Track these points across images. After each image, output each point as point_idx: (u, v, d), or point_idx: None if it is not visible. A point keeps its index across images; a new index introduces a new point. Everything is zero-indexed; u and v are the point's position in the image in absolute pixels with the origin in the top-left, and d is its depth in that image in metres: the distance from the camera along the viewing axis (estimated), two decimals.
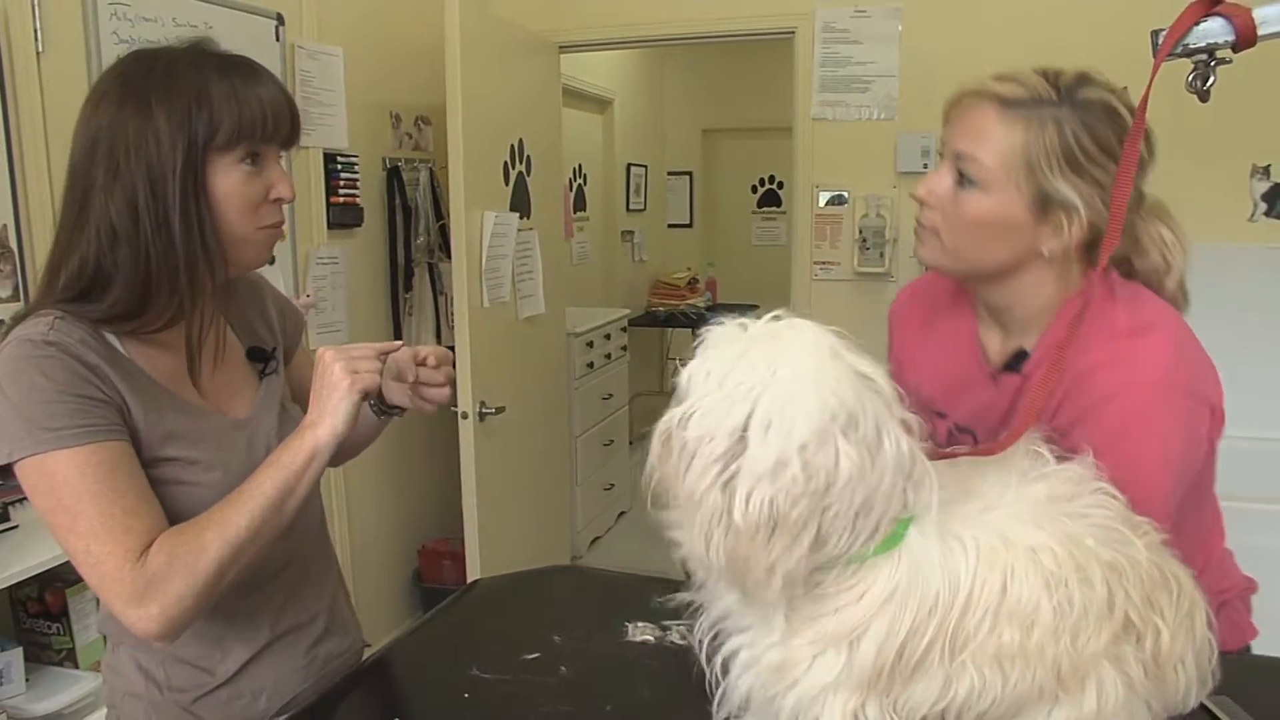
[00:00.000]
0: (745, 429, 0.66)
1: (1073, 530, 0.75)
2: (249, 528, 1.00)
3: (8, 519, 1.80)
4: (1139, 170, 1.04)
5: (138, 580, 0.95)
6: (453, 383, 1.20)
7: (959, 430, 1.22)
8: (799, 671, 0.71)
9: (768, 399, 0.65)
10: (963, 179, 1.06)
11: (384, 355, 1.09)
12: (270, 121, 1.06)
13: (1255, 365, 3.04)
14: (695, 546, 0.70)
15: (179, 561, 0.97)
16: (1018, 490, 0.78)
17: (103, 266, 1.02)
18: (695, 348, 0.71)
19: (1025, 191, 1.03)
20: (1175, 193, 3.55)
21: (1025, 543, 0.73)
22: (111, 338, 1.04)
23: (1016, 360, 1.15)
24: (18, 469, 0.97)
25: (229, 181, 1.04)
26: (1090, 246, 1.08)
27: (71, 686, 1.80)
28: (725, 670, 0.77)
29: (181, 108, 1.01)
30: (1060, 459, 0.83)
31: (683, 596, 0.80)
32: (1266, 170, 2.99)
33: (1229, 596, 1.24)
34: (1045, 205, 1.03)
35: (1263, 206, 3.02)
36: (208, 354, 1.10)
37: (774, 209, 7.32)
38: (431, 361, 1.16)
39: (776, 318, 0.72)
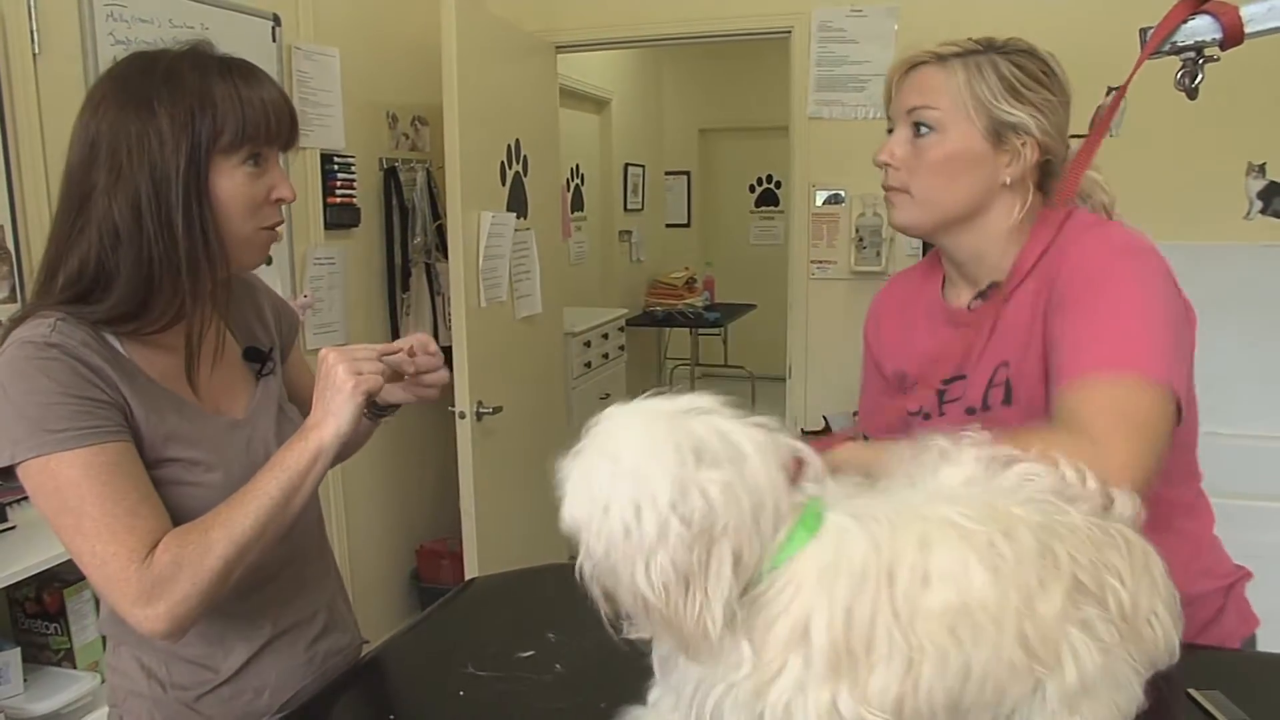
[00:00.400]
0: (626, 525, 0.69)
1: (993, 501, 0.75)
2: (254, 528, 1.01)
3: (6, 519, 1.81)
4: (1065, 107, 1.14)
5: (144, 580, 0.96)
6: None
7: (948, 382, 1.24)
8: (769, 689, 0.71)
9: (624, 488, 0.69)
10: (919, 129, 1.15)
11: (385, 356, 1.10)
12: (273, 123, 1.07)
13: (1252, 363, 3.04)
14: (659, 640, 0.75)
15: (185, 561, 0.98)
16: (928, 480, 0.79)
17: (104, 267, 1.02)
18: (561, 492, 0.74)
19: (979, 122, 1.12)
20: (1171, 191, 3.56)
21: (939, 515, 0.74)
22: (111, 339, 1.05)
23: (991, 290, 1.20)
24: (20, 470, 0.98)
25: (232, 183, 1.05)
26: (1043, 174, 1.17)
27: (70, 686, 1.81)
28: None
29: (185, 109, 1.01)
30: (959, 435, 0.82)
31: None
32: (1262, 169, 3.00)
33: (1237, 579, 1.25)
34: (999, 132, 1.12)
35: (1258, 205, 3.02)
36: (206, 354, 1.11)
37: (772, 208, 7.33)
38: (422, 349, 1.16)
39: (599, 421, 0.75)
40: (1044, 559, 0.73)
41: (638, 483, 0.69)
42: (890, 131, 1.20)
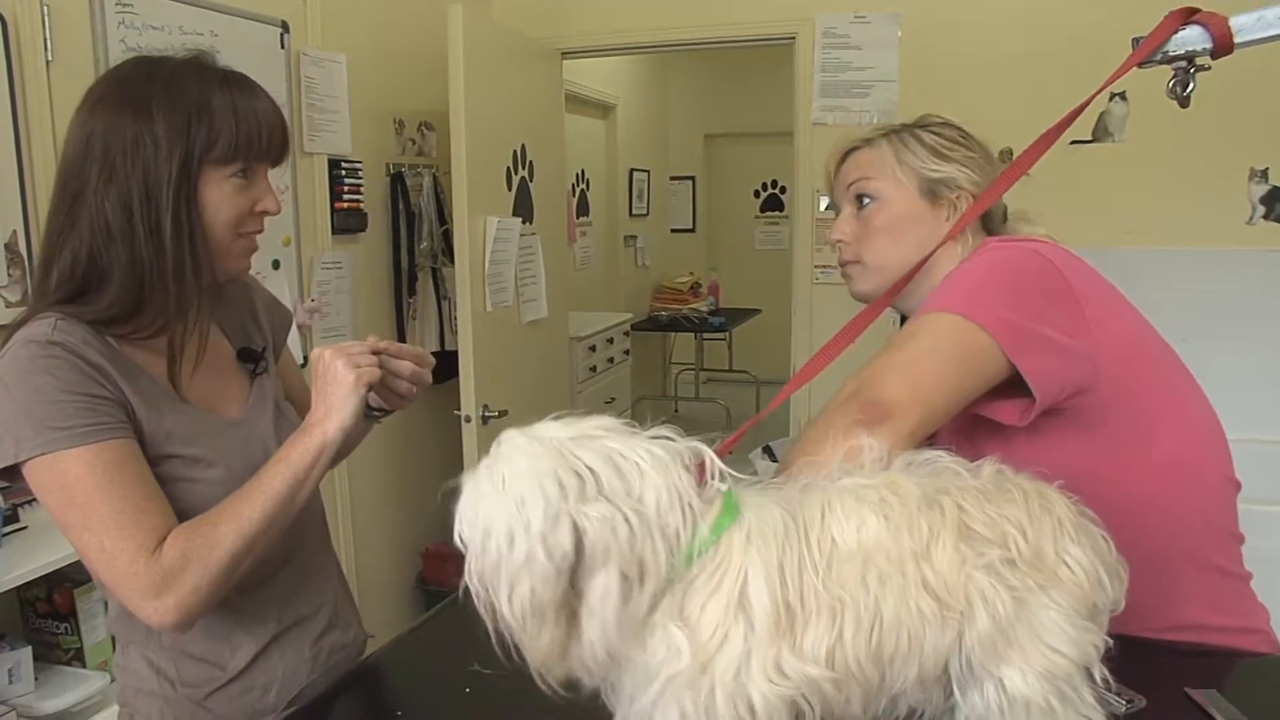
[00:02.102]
0: (499, 550, 0.71)
1: (889, 477, 0.80)
2: (261, 521, 1.03)
3: (16, 520, 1.83)
4: (990, 162, 1.24)
5: (153, 573, 0.98)
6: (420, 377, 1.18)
7: None
8: (714, 664, 0.72)
9: (503, 514, 0.71)
10: (861, 202, 1.26)
11: (379, 351, 1.11)
12: (264, 139, 1.09)
13: (1254, 368, 3.05)
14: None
15: (193, 554, 0.99)
16: (831, 474, 0.83)
17: (96, 263, 1.04)
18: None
19: (912, 184, 1.23)
20: (1174, 197, 3.55)
21: (837, 486, 0.79)
22: (109, 338, 1.06)
23: None
24: (26, 469, 0.99)
25: (219, 193, 1.07)
26: (984, 222, 1.27)
27: (79, 685, 1.82)
28: None
29: (182, 117, 1.03)
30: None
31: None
32: (1265, 173, 3.01)
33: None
34: (933, 189, 1.23)
35: (1261, 210, 3.03)
36: (190, 357, 1.12)
37: (777, 213, 7.34)
38: (393, 352, 1.16)
39: (499, 443, 0.77)
40: (931, 508, 0.76)
41: (516, 510, 0.70)
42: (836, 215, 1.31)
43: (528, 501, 0.71)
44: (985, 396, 1.06)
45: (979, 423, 1.09)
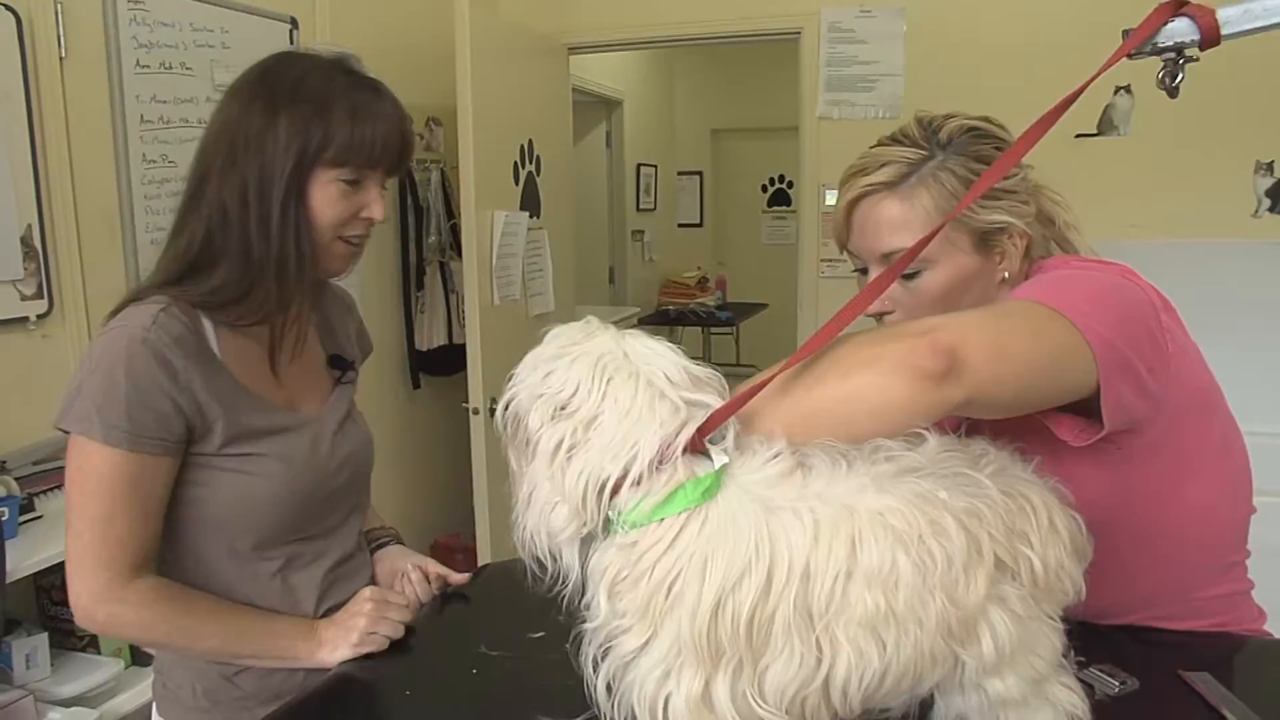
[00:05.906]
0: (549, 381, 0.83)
1: (922, 489, 0.72)
2: (208, 649, 1.12)
3: (32, 509, 1.86)
4: (1027, 183, 1.10)
5: (110, 589, 1.04)
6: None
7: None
8: (639, 659, 0.70)
9: (561, 370, 0.83)
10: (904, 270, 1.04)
11: (419, 608, 1.23)
12: (378, 150, 1.12)
13: (1260, 360, 3.05)
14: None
15: (147, 615, 1.06)
16: (863, 466, 0.75)
17: (212, 243, 1.09)
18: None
19: (963, 240, 1.07)
20: (1180, 190, 3.54)
21: (870, 507, 0.71)
22: (208, 327, 1.10)
23: None
24: (70, 439, 1.05)
25: (325, 194, 1.10)
26: (1028, 248, 1.11)
27: (94, 671, 1.85)
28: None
29: (302, 116, 1.07)
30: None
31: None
32: (1270, 166, 3.01)
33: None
34: (985, 240, 1.07)
35: (1266, 203, 3.03)
36: (287, 346, 1.17)
37: (784, 208, 7.34)
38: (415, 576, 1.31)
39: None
40: (970, 551, 0.71)
41: (573, 365, 0.80)
42: (863, 271, 1.13)
43: (588, 364, 0.80)
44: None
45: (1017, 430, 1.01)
